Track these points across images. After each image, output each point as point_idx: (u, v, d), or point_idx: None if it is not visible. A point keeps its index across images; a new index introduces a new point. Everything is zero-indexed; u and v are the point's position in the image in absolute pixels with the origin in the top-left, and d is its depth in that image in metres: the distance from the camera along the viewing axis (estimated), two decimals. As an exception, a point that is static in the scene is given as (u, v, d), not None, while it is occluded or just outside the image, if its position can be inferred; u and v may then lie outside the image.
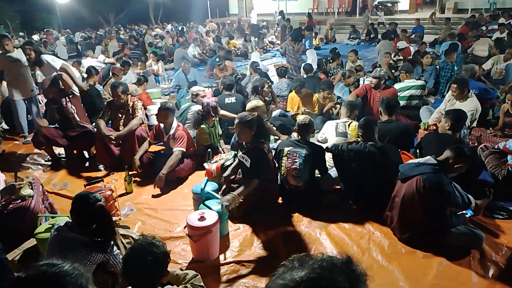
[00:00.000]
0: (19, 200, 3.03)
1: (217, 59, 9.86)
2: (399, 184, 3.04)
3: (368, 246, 3.00)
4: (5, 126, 6.48)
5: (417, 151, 3.88)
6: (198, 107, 5.16)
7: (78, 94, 5.15)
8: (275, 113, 5.67)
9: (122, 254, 2.30)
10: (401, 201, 2.96)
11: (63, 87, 4.83)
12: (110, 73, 7.46)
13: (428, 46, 10.57)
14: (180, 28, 20.02)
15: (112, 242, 2.34)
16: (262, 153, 3.43)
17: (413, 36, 14.17)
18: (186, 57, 11.00)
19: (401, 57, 8.79)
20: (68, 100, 4.72)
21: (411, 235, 2.95)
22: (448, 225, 2.86)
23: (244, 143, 3.59)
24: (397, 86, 5.66)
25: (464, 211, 3.06)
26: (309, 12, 13.13)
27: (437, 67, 7.20)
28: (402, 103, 5.32)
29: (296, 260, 0.88)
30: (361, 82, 7.01)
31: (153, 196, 3.96)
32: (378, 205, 3.32)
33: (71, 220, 2.35)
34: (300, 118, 3.88)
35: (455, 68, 6.94)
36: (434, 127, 4.42)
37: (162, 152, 4.59)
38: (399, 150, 3.56)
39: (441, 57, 8.83)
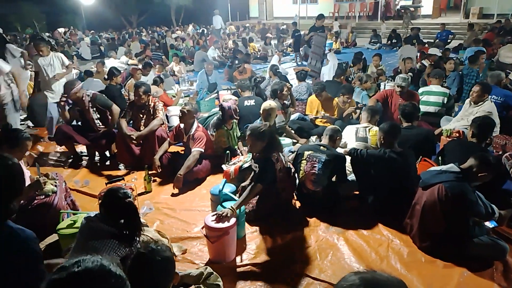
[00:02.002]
0: (43, 196, 3.11)
1: (236, 62, 9.93)
2: (420, 192, 2.98)
3: (387, 254, 2.95)
4: (30, 124, 6.68)
5: (439, 158, 3.81)
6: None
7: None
8: (294, 116, 5.66)
9: None
10: (421, 209, 2.91)
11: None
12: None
13: (451, 52, 10.35)
14: (200, 31, 20.22)
15: (137, 238, 2.40)
16: (270, 163, 3.36)
17: (437, 41, 13.86)
18: (206, 59, 11.12)
19: (432, 63, 8.59)
20: (91, 105, 4.76)
21: (432, 244, 2.89)
22: (471, 235, 2.79)
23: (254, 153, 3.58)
24: (421, 90, 5.56)
25: (487, 221, 2.98)
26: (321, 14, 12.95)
27: (461, 73, 7.04)
28: (425, 108, 5.23)
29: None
30: (381, 87, 6.92)
31: (172, 196, 4.01)
32: (397, 212, 3.27)
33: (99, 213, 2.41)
34: (330, 126, 3.87)
35: (480, 74, 6.77)
36: (457, 134, 4.33)
37: (182, 152, 4.64)
38: (421, 157, 3.50)
39: (465, 63, 8.64)
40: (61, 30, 20.68)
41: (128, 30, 24.50)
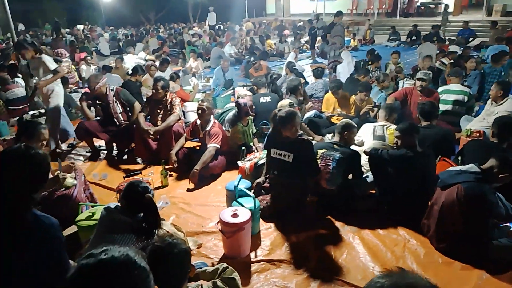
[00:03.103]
0: (63, 189, 3.18)
1: (252, 59, 9.94)
2: (438, 192, 2.93)
3: (403, 254, 2.92)
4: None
5: (458, 158, 3.73)
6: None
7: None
8: (310, 113, 5.62)
9: None
10: (439, 209, 2.86)
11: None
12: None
13: (472, 50, 10.12)
14: (217, 27, 20.28)
15: (156, 232, 2.44)
16: (306, 142, 3.39)
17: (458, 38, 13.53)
18: (223, 56, 11.14)
19: (451, 61, 8.42)
20: (115, 99, 4.85)
21: (449, 245, 2.84)
22: (490, 236, 2.73)
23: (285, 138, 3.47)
24: (440, 88, 5.46)
25: (507, 223, 2.91)
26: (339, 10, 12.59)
27: (482, 72, 6.87)
28: (445, 107, 5.13)
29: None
30: (400, 85, 6.82)
31: (188, 191, 4.05)
32: (414, 212, 3.23)
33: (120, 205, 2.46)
34: (340, 121, 3.83)
35: (503, 73, 6.60)
36: (478, 134, 4.24)
37: (198, 148, 4.68)
38: (440, 156, 3.44)
39: (487, 61, 8.43)
40: (80, 27, 21.06)
41: (146, 26, 24.76)
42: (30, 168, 1.79)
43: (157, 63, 8.96)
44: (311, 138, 4.98)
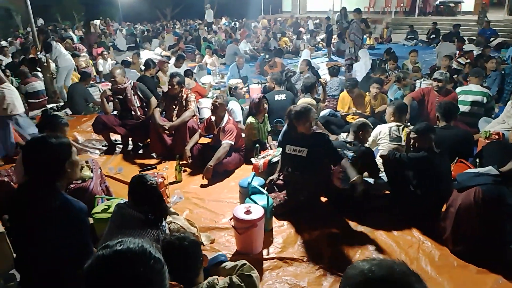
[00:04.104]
0: (80, 181, 3.24)
1: (267, 56, 9.92)
2: (455, 194, 2.88)
3: (417, 256, 2.88)
4: (69, 111, 6.96)
5: (477, 160, 3.67)
6: (235, 103, 5.21)
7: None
8: (325, 112, 5.59)
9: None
10: (456, 211, 2.81)
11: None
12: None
13: (492, 50, 9.89)
14: (233, 24, 20.30)
15: (164, 220, 2.49)
16: (323, 135, 3.36)
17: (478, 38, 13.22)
18: (238, 52, 11.15)
19: (468, 60, 8.26)
20: (133, 93, 4.91)
21: (465, 248, 2.79)
22: (508, 240, 2.68)
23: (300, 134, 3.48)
24: (459, 89, 5.35)
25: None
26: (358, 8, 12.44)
27: (502, 72, 6.71)
28: (463, 108, 5.04)
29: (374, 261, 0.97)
30: (417, 84, 6.71)
31: (201, 186, 4.08)
32: (429, 214, 3.18)
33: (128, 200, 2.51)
34: (355, 120, 3.80)
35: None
36: (497, 136, 4.15)
37: (211, 144, 4.70)
38: (457, 158, 3.38)
39: (508, 62, 8.24)
40: (97, 22, 21.29)
41: (162, 22, 24.93)
42: (48, 155, 1.87)
43: (173, 59, 9.03)
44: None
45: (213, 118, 4.48)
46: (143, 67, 7.63)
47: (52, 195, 1.86)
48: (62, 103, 7.38)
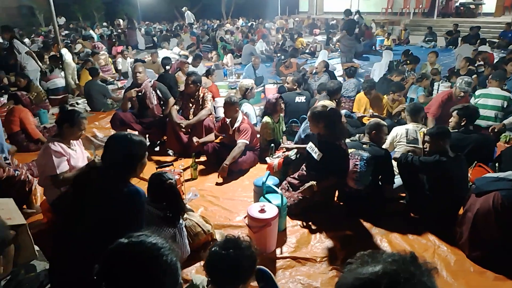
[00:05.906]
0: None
1: (282, 57, 9.91)
2: (473, 198, 2.84)
3: (433, 260, 2.84)
4: (88, 108, 7.10)
5: (496, 164, 3.60)
6: (249, 105, 5.21)
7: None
8: (341, 113, 5.55)
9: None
10: (473, 216, 2.77)
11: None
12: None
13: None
14: (250, 24, 20.35)
15: (181, 219, 2.54)
16: (338, 148, 3.31)
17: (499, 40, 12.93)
18: (254, 52, 11.18)
19: (481, 62, 8.08)
20: (152, 91, 4.98)
21: (482, 253, 2.75)
22: (527, 248, 2.63)
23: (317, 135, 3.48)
24: (478, 92, 5.24)
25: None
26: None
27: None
28: (482, 111, 4.91)
29: (366, 256, 0.94)
30: (435, 87, 6.60)
31: (217, 184, 4.12)
32: (445, 218, 3.14)
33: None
34: (370, 121, 3.77)
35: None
36: (517, 141, 4.06)
37: (227, 143, 4.73)
38: (476, 162, 3.32)
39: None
40: (120, 21, 21.57)
41: (180, 22, 25.16)
42: (127, 151, 2.05)
43: (190, 58, 9.11)
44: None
45: (227, 120, 4.49)
46: (168, 67, 7.74)
47: (123, 182, 2.04)
48: (83, 99, 7.52)
